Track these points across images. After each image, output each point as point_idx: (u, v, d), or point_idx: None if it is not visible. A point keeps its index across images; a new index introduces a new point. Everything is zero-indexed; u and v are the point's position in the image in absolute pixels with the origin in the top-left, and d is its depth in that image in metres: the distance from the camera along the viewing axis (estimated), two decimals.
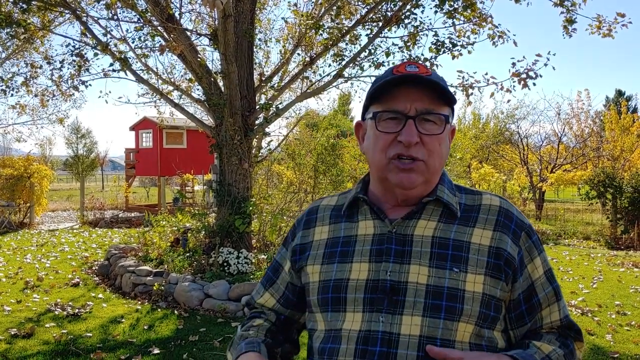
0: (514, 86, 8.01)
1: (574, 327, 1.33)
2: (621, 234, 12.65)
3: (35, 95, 10.32)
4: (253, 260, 7.59)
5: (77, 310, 6.42)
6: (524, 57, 7.88)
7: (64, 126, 34.97)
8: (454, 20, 8.17)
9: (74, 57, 8.72)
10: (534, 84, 7.85)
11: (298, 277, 1.43)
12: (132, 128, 22.34)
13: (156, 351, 5.11)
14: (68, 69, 8.89)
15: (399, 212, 1.32)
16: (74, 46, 8.71)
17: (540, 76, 7.70)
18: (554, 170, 19.91)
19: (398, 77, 1.24)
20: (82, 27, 8.46)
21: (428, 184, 1.29)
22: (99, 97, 9.53)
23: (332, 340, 1.25)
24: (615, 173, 14.03)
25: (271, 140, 9.81)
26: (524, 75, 7.75)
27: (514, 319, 1.29)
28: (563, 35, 8.00)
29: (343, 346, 1.22)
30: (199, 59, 8.31)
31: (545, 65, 7.71)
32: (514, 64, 7.90)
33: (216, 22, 8.62)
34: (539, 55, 7.75)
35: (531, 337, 1.29)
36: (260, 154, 9.62)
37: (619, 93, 47.62)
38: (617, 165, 19.00)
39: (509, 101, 22.32)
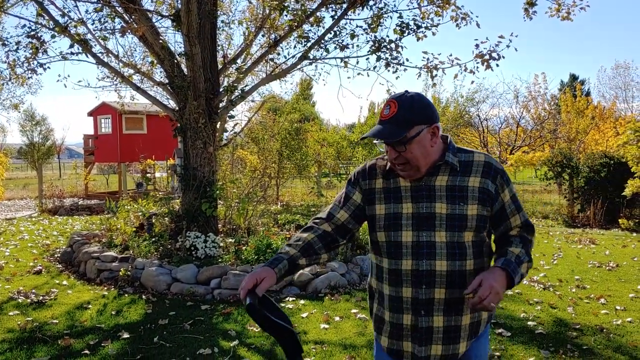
0: (477, 67, 8.13)
1: (530, 224, 2.16)
2: (578, 212, 13.05)
3: None
4: (221, 244, 7.55)
5: (41, 297, 6.29)
6: (487, 38, 7.99)
7: (19, 112, 33.81)
8: (419, 1, 8.21)
9: (30, 40, 8.41)
10: (497, 65, 7.99)
11: (364, 208, 2.20)
12: (91, 114, 21.83)
13: (126, 335, 5.05)
14: (25, 51, 8.58)
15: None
16: (30, 27, 8.40)
17: (503, 57, 7.84)
18: (512, 152, 20.33)
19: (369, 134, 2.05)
20: (37, 8, 8.18)
21: (420, 167, 2.04)
22: (58, 80, 9.23)
23: (394, 246, 2.08)
24: (572, 154, 14.42)
25: (236, 124, 9.73)
26: (487, 57, 7.87)
27: (494, 224, 2.14)
28: (524, 17, 8.14)
29: (404, 250, 2.06)
30: (160, 41, 8.15)
31: (508, 46, 7.83)
32: (477, 45, 8.00)
33: (178, 3, 8.45)
34: (501, 36, 7.88)
35: (506, 239, 2.12)
36: (224, 138, 9.52)
37: (573, 77, 48.82)
38: (573, 146, 19.50)
39: (472, 82, 22.64)
